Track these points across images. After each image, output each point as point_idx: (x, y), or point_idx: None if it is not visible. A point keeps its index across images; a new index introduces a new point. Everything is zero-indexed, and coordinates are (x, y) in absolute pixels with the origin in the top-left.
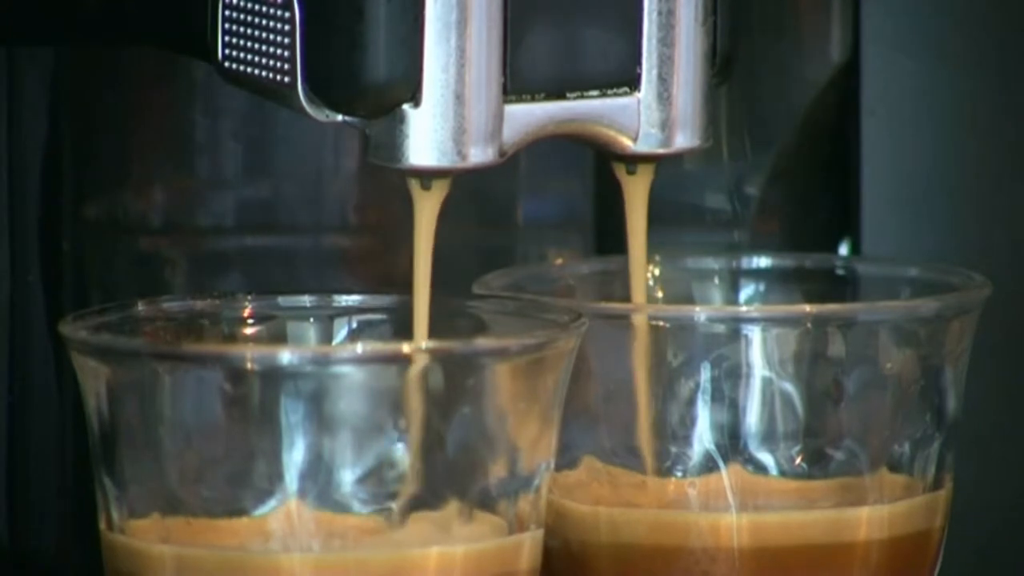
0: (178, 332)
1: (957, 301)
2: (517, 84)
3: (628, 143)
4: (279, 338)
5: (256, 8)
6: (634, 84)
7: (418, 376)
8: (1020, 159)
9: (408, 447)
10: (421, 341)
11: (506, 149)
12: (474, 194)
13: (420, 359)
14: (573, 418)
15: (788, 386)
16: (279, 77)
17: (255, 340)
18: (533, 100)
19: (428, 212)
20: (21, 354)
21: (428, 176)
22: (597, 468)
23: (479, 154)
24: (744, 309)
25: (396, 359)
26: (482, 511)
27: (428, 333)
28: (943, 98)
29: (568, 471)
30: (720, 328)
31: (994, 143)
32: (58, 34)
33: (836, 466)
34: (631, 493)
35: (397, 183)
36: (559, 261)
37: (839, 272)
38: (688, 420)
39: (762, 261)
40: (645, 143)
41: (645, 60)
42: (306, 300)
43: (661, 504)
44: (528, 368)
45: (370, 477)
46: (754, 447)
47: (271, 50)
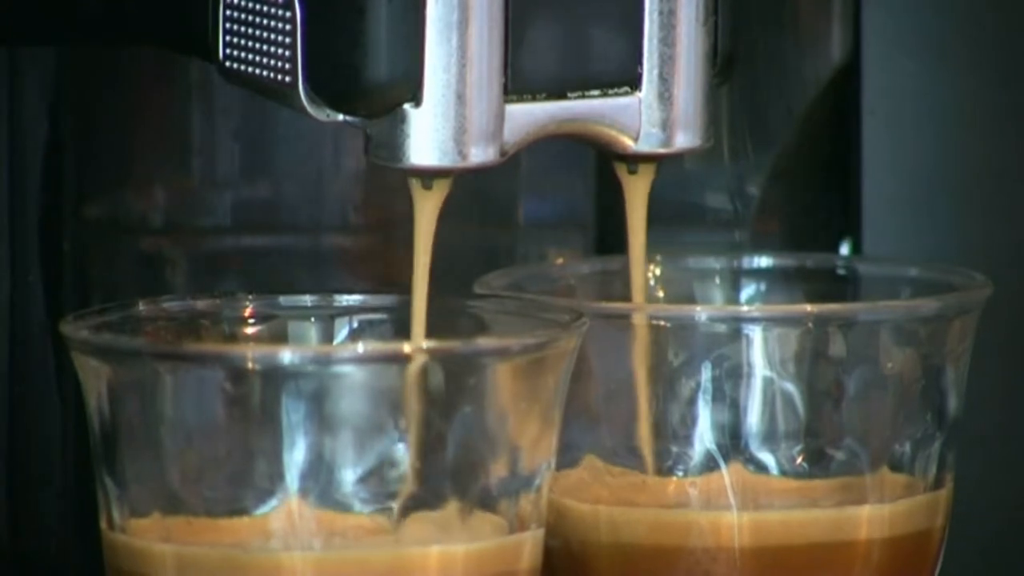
0: (179, 332)
1: (958, 301)
2: (518, 84)
3: (629, 143)
4: (280, 338)
5: (257, 7)
6: (635, 84)
7: (419, 376)
8: (1021, 158)
9: (409, 447)
10: (422, 341)
11: (507, 149)
12: (475, 194)
13: (421, 359)
14: (574, 418)
15: (789, 386)
16: (280, 77)
17: (256, 340)
18: (534, 100)
19: (429, 212)
20: (22, 354)
21: (429, 176)
22: (598, 467)
23: (480, 154)
24: (745, 309)
25: (397, 359)
26: (483, 510)
27: (428, 333)
28: (943, 98)
29: (569, 470)
30: (721, 328)
31: (995, 142)
32: (59, 34)
33: (837, 466)
34: (632, 493)
35: (398, 183)
36: (560, 261)
37: (840, 272)
38: (689, 420)
39: (763, 261)
40: (646, 143)
41: (646, 60)
42: (307, 300)
43: (662, 504)
44: (529, 368)
45: (371, 476)
46: (755, 447)
47: (272, 50)
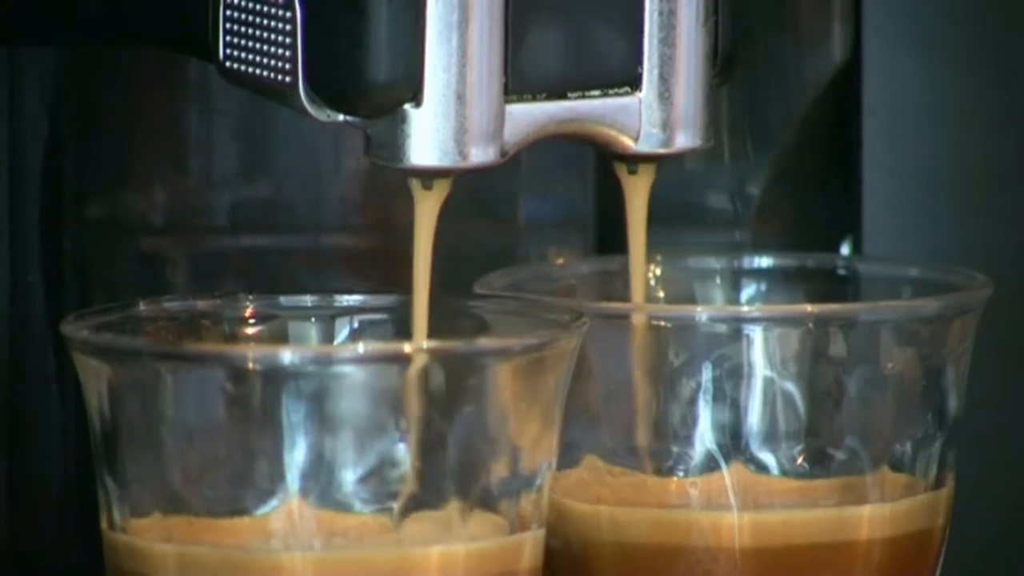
0: (180, 332)
1: (958, 301)
2: (518, 84)
3: (629, 143)
4: (280, 338)
5: (257, 8)
6: (635, 84)
7: (419, 376)
8: (1021, 158)
9: (409, 447)
10: (422, 341)
11: (507, 149)
12: (475, 194)
13: (421, 359)
14: (574, 417)
15: (790, 386)
16: (280, 77)
17: (257, 340)
18: (534, 100)
19: (429, 212)
20: (22, 354)
21: (429, 176)
22: (598, 467)
23: (480, 154)
24: (745, 309)
25: (397, 359)
26: (483, 510)
27: (429, 333)
28: (944, 98)
29: (570, 470)
30: (721, 328)
31: (995, 142)
32: (59, 34)
33: (838, 465)
34: (633, 493)
35: (398, 183)
36: (560, 261)
37: (840, 272)
38: (689, 420)
39: (763, 261)
40: (646, 143)
41: (646, 60)
42: (307, 300)
43: (663, 504)
44: (529, 368)
45: (372, 476)
46: (756, 447)
47: (272, 50)
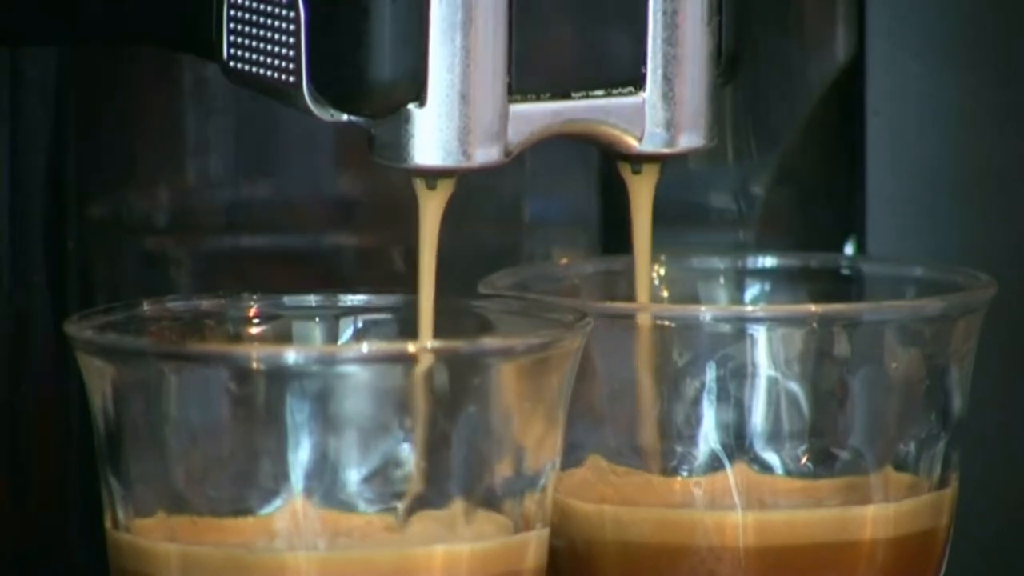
0: (183, 332)
1: (962, 301)
2: (522, 84)
3: (633, 143)
4: (284, 338)
5: (261, 7)
6: (639, 84)
7: (424, 376)
8: None
9: (414, 446)
10: (426, 341)
11: (511, 149)
12: (479, 194)
13: (426, 359)
14: (578, 417)
15: (793, 385)
16: (284, 77)
17: (260, 340)
18: (538, 100)
19: (433, 212)
20: (25, 354)
21: (433, 176)
22: (602, 467)
23: (484, 154)
24: (749, 309)
25: (402, 359)
26: (487, 510)
27: (433, 333)
28: (948, 98)
29: (573, 470)
30: (725, 328)
31: (999, 143)
32: (62, 34)
33: (841, 465)
34: (636, 492)
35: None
36: (564, 261)
37: (844, 272)
38: (693, 419)
39: (767, 261)
40: (650, 143)
41: (650, 60)
42: (311, 300)
43: (666, 503)
44: (533, 367)
45: (376, 476)
46: (760, 446)
47: (276, 50)
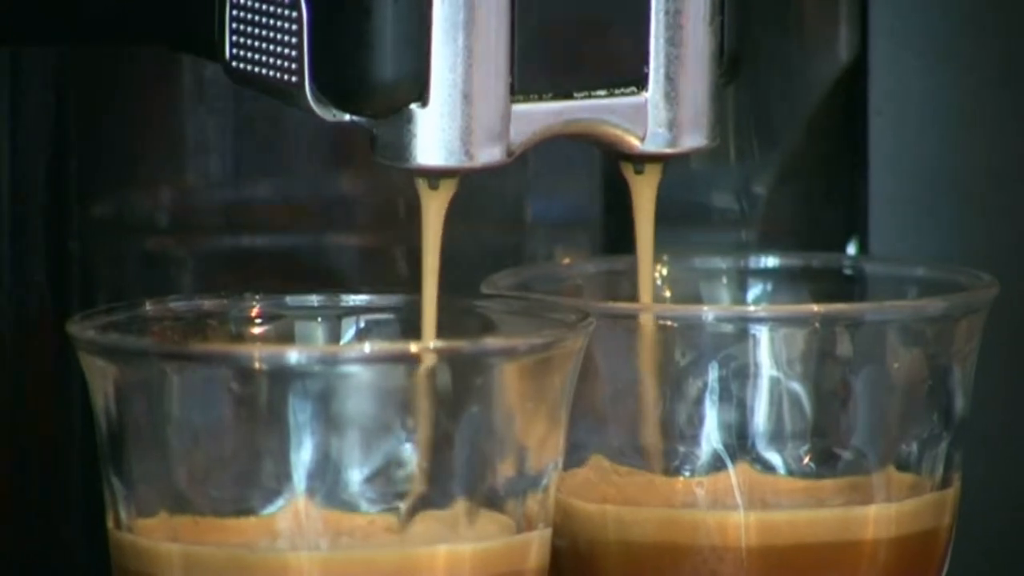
0: (186, 332)
1: (965, 301)
2: (524, 84)
3: (635, 143)
4: (287, 338)
5: (263, 7)
6: (641, 84)
7: (426, 376)
8: None
9: (416, 446)
10: (429, 341)
11: (513, 149)
12: (482, 194)
13: (428, 359)
14: (581, 417)
15: (796, 385)
16: (286, 77)
17: (263, 340)
18: (540, 100)
19: (435, 212)
20: (28, 354)
21: (435, 176)
22: (605, 467)
23: (486, 154)
24: (752, 309)
25: (404, 359)
26: (490, 510)
27: (436, 333)
28: (950, 98)
29: (576, 470)
30: (728, 328)
31: (1001, 142)
32: (64, 34)
33: (844, 465)
34: (639, 492)
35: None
36: (567, 261)
37: (847, 272)
38: (696, 419)
39: (770, 261)
40: (652, 143)
41: (652, 59)
42: (314, 299)
43: (669, 503)
44: (536, 368)
45: (378, 476)
46: (762, 446)
47: (278, 50)
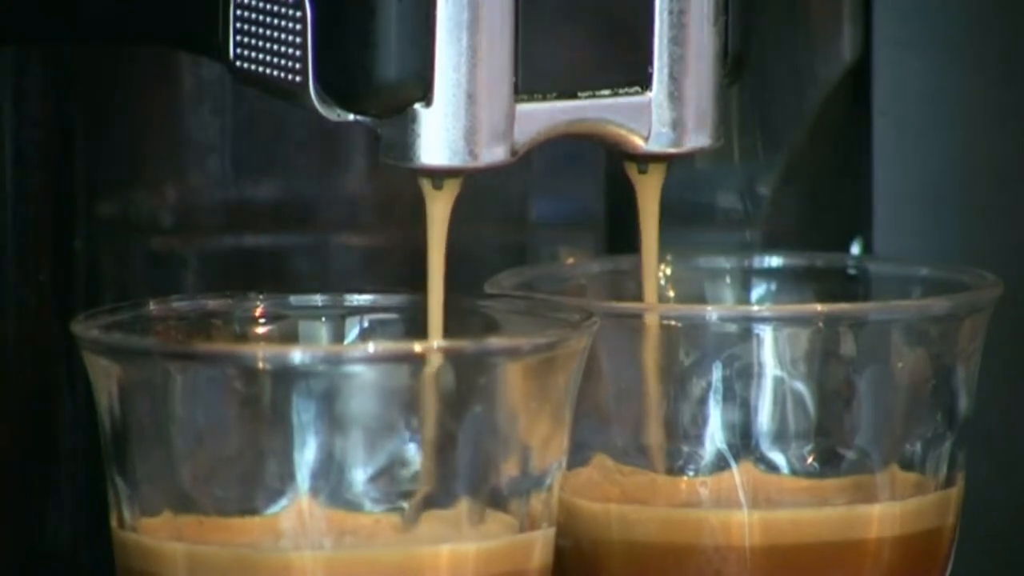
0: (190, 331)
1: (969, 300)
2: (528, 83)
3: (640, 142)
4: (291, 337)
5: (267, 7)
6: (646, 83)
7: (430, 375)
8: None
9: (420, 446)
10: (433, 340)
11: (517, 148)
12: (486, 193)
13: (432, 358)
14: (584, 417)
15: (800, 385)
16: (290, 76)
17: (267, 339)
18: (544, 99)
19: (440, 211)
20: (32, 353)
21: (440, 176)
22: (608, 467)
23: (490, 154)
24: (756, 308)
25: (408, 358)
26: (494, 510)
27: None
28: (954, 98)
29: (579, 469)
30: (732, 327)
31: (1005, 142)
32: (69, 33)
33: (848, 465)
34: (642, 492)
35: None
36: (571, 260)
37: (851, 271)
38: (700, 419)
39: (774, 260)
40: (657, 142)
41: (656, 59)
42: (317, 299)
43: (672, 503)
44: (540, 367)
45: (382, 476)
46: (766, 446)
47: (282, 49)
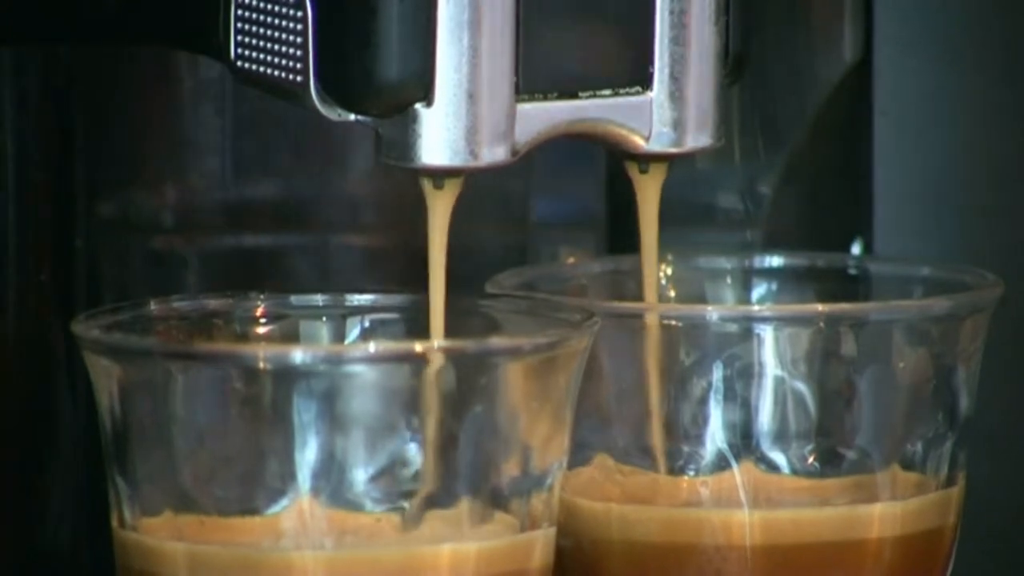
0: (190, 331)
1: (970, 300)
2: (529, 83)
3: (640, 142)
4: (291, 337)
5: (268, 7)
6: (646, 83)
7: (431, 375)
8: None
9: (421, 446)
10: (433, 340)
11: (518, 148)
12: (486, 193)
13: (433, 358)
14: (585, 417)
15: (800, 385)
16: (291, 76)
17: (267, 339)
18: (545, 99)
19: (441, 211)
20: (33, 353)
21: (440, 176)
22: (609, 466)
23: (491, 153)
24: (756, 308)
25: (408, 358)
26: (495, 509)
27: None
28: (955, 98)
29: (580, 469)
30: (732, 327)
31: (1006, 142)
32: (69, 33)
33: (849, 464)
34: (643, 491)
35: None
36: (571, 260)
37: (851, 271)
38: (700, 419)
39: (774, 260)
40: (657, 142)
41: (657, 59)
42: (318, 299)
43: (673, 502)
44: (541, 367)
45: (383, 476)
46: (766, 446)
47: (283, 49)
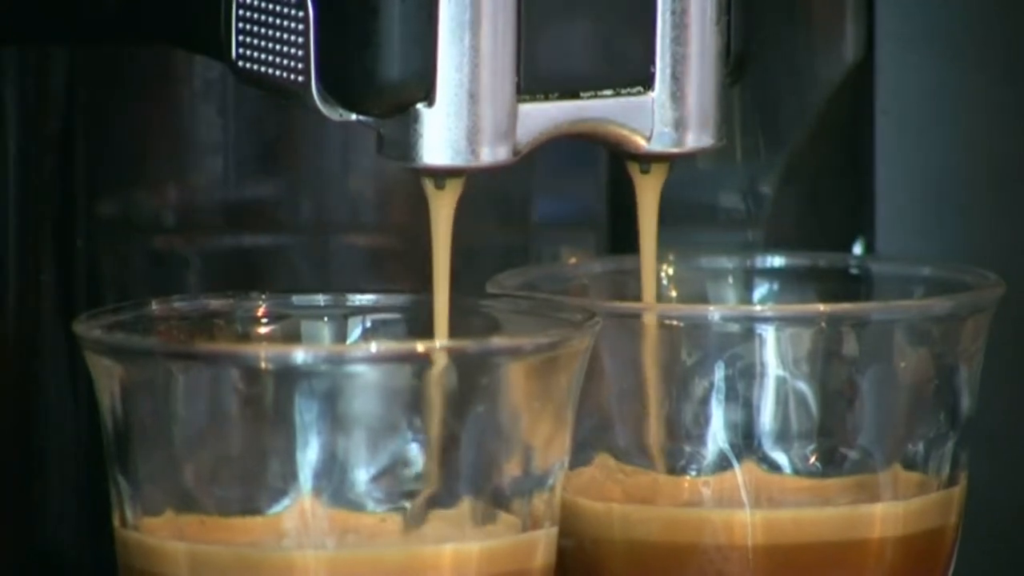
0: (192, 331)
1: (971, 300)
2: (531, 83)
3: (641, 142)
4: (293, 337)
5: (270, 7)
6: (648, 83)
7: (432, 375)
8: None
9: (422, 446)
10: (435, 340)
11: (520, 148)
12: (487, 193)
13: (434, 358)
14: (587, 417)
15: (802, 385)
16: (293, 76)
17: (269, 339)
18: (547, 99)
19: (444, 211)
20: (34, 353)
21: (442, 175)
22: (610, 466)
23: (492, 153)
24: (758, 308)
25: (410, 358)
26: (496, 509)
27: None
28: (957, 97)
29: (582, 469)
30: (734, 327)
31: (1007, 141)
32: (72, 33)
33: (850, 464)
34: (645, 491)
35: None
36: (573, 260)
37: (853, 271)
38: (702, 419)
39: (776, 260)
40: (659, 142)
41: (659, 59)
42: (320, 299)
43: (675, 502)
44: (542, 367)
45: (384, 476)
46: (768, 446)
47: (285, 49)
